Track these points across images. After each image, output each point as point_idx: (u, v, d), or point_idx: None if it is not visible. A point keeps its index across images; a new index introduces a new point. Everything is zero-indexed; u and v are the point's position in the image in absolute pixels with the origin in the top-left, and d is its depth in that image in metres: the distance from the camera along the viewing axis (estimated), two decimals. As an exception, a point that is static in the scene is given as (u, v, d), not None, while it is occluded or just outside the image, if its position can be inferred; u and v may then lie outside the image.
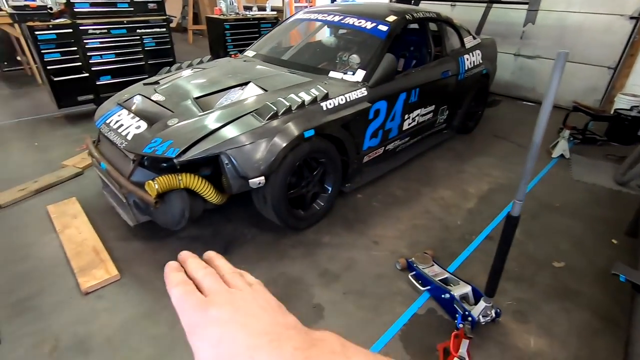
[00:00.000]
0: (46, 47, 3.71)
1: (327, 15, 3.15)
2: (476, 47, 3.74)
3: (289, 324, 0.32)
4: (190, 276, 0.35)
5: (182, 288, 0.33)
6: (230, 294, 0.33)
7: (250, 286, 0.36)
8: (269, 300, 0.35)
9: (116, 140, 2.10)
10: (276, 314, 0.33)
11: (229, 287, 0.34)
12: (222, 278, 0.36)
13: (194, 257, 0.38)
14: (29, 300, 1.86)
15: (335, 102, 2.33)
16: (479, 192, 2.95)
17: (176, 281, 0.34)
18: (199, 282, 0.35)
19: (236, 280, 0.36)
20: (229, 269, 0.38)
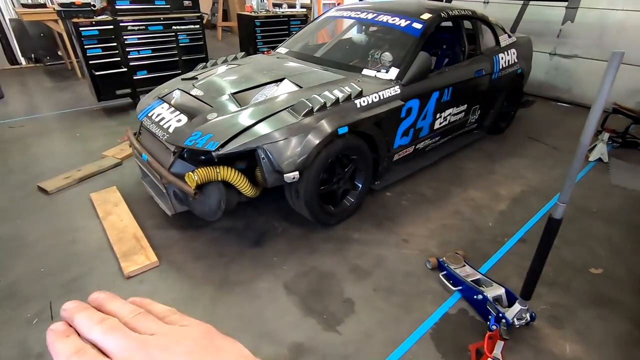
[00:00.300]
0: (89, 42, 3.89)
1: (360, 13, 3.15)
2: (511, 45, 3.65)
3: None
4: (85, 337, 0.28)
5: None
6: (144, 349, 0.27)
7: (164, 319, 0.31)
8: (191, 335, 0.29)
9: (158, 132, 2.19)
10: (208, 356, 0.27)
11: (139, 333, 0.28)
12: (127, 325, 0.29)
13: (84, 309, 0.30)
14: (77, 281, 1.98)
15: (369, 99, 2.34)
16: (511, 194, 2.89)
17: (67, 352, 0.26)
18: (99, 344, 0.27)
19: (144, 323, 0.29)
20: (129, 311, 0.31)
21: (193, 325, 0.30)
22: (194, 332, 0.29)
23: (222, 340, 0.29)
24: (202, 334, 0.29)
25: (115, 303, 0.32)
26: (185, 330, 0.29)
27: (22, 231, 2.35)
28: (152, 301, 0.34)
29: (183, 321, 0.31)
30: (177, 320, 0.31)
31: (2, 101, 4.77)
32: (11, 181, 2.91)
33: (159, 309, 0.32)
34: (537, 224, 2.52)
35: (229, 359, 0.28)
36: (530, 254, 2.21)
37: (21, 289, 1.93)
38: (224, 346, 0.29)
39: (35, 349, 1.62)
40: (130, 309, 0.31)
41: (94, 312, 0.30)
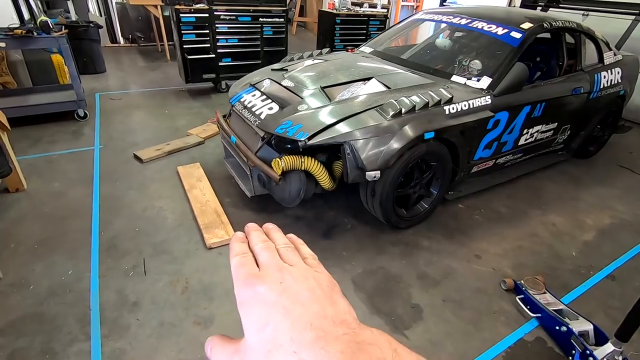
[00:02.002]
0: (186, 28, 4.22)
1: (453, 18, 3.06)
2: (616, 64, 3.33)
3: (337, 316, 0.29)
4: (251, 247, 0.36)
5: (240, 259, 0.34)
6: (280, 270, 0.32)
7: (305, 260, 0.36)
8: (319, 280, 0.33)
9: (249, 117, 2.33)
10: (325, 300, 0.31)
11: (283, 261, 0.34)
12: (278, 252, 0.36)
13: (257, 229, 0.39)
14: (165, 244, 2.18)
15: (458, 107, 2.28)
16: (598, 225, 2.65)
17: (236, 251, 0.35)
18: (257, 254, 0.35)
19: (289, 255, 0.36)
20: (284, 242, 0.38)
21: (323, 274, 0.35)
22: (322, 278, 0.34)
23: (340, 297, 0.33)
24: (327, 283, 0.33)
25: (277, 234, 0.40)
26: (316, 273, 0.34)
27: (121, 192, 2.63)
28: (302, 242, 0.40)
29: (318, 267, 0.36)
30: (313, 264, 0.36)
31: (105, 75, 5.35)
32: (113, 146, 3.26)
33: (304, 250, 0.39)
34: (629, 261, 2.30)
35: (337, 309, 0.30)
36: (621, 293, 2.06)
37: (120, 243, 2.17)
38: (339, 301, 0.32)
39: (132, 298, 1.82)
40: (285, 242, 0.38)
41: (262, 234, 0.38)
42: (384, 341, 0.28)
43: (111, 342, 1.60)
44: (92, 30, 5.14)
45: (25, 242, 2.12)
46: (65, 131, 3.50)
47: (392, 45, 3.66)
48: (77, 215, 2.37)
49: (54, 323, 1.67)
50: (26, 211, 2.38)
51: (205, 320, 1.73)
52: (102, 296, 1.81)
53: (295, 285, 0.31)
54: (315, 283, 0.32)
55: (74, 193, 2.59)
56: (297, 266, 0.34)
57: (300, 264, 0.35)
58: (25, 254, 2.04)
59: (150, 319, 1.71)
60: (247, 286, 0.31)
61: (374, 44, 3.37)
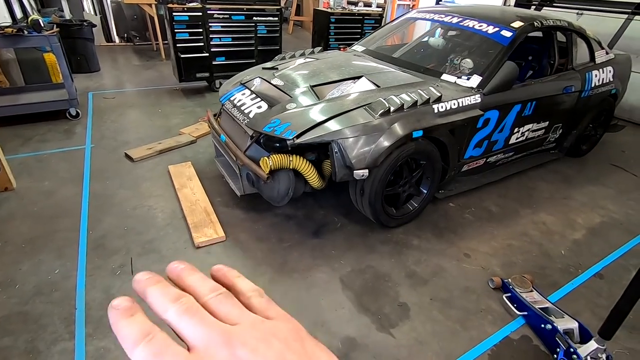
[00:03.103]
0: (179, 27, 4.20)
1: (444, 16, 3.06)
2: (608, 63, 3.34)
3: None
4: (158, 316, 0.25)
5: (148, 349, 0.22)
6: (227, 345, 0.23)
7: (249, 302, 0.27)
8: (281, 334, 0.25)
9: (238, 116, 2.32)
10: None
11: (218, 320, 0.24)
12: (206, 307, 0.25)
13: (157, 281, 0.27)
14: (154, 243, 2.18)
15: (447, 105, 2.28)
16: (589, 224, 2.66)
17: (134, 337, 0.23)
18: (173, 325, 0.24)
19: (225, 307, 0.26)
20: (209, 288, 0.27)
21: (281, 319, 0.26)
22: (283, 330, 0.25)
23: (314, 346, 0.25)
24: (292, 334, 0.25)
25: (195, 277, 0.28)
26: (273, 326, 0.25)
27: (111, 191, 2.62)
28: (239, 274, 0.30)
29: (269, 309, 0.27)
30: (262, 306, 0.27)
31: (99, 74, 5.34)
32: (104, 145, 3.25)
33: (245, 286, 0.29)
34: (618, 260, 2.30)
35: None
36: (608, 291, 2.06)
37: (108, 242, 2.16)
38: (316, 354, 0.24)
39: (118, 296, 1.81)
40: (210, 287, 0.27)
41: (169, 287, 0.26)
42: None
43: (95, 341, 1.59)
44: (86, 29, 5.13)
45: (13, 241, 2.12)
46: (57, 130, 3.49)
47: (388, 44, 3.66)
48: (66, 214, 2.36)
49: (39, 322, 1.66)
50: (15, 210, 2.37)
51: (191, 319, 1.72)
52: (88, 295, 1.81)
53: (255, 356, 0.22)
54: (281, 344, 0.24)
55: (64, 192, 2.58)
56: (244, 324, 0.24)
57: (246, 317, 0.25)
58: (12, 253, 2.03)
59: (136, 318, 1.71)
60: None
61: (366, 43, 3.36)
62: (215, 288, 0.27)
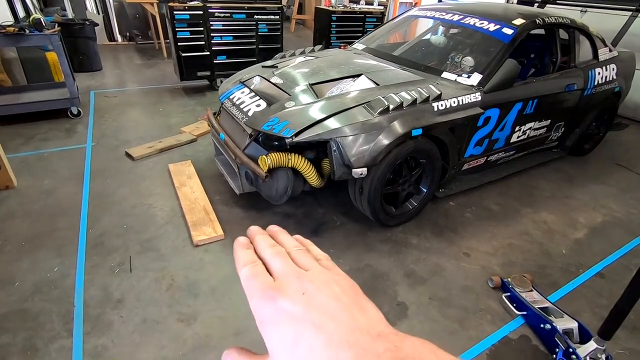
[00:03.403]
0: (180, 25, 4.20)
1: (445, 14, 3.04)
2: (611, 60, 3.30)
3: (372, 327, 0.27)
4: (259, 255, 0.33)
5: (250, 269, 0.31)
6: (299, 279, 0.29)
7: (319, 262, 0.33)
8: (342, 284, 0.30)
9: (237, 115, 2.32)
10: (354, 308, 0.28)
11: (296, 265, 0.31)
12: (289, 256, 0.33)
13: (262, 233, 0.36)
14: (153, 241, 2.18)
15: (447, 103, 2.26)
16: (591, 223, 2.63)
17: (244, 260, 0.32)
18: (267, 262, 0.32)
19: (303, 258, 0.33)
20: (294, 245, 0.35)
21: (342, 277, 0.32)
22: (343, 281, 0.31)
23: (366, 301, 0.30)
24: (350, 287, 0.30)
25: (285, 236, 0.37)
26: (336, 277, 0.31)
27: (111, 190, 2.63)
28: (311, 243, 0.37)
29: (334, 269, 0.33)
30: (329, 266, 0.33)
31: (101, 73, 5.35)
32: (105, 144, 3.26)
33: (316, 251, 0.36)
34: (619, 259, 2.28)
35: (370, 318, 0.28)
36: (609, 291, 2.04)
37: (107, 240, 2.17)
38: (367, 307, 0.29)
39: (116, 295, 1.82)
40: (294, 244, 0.35)
41: (269, 238, 0.35)
42: (429, 353, 0.25)
43: (93, 339, 1.60)
44: (88, 28, 5.14)
45: (13, 239, 2.13)
46: (59, 129, 3.50)
47: (390, 42, 3.65)
48: (66, 212, 2.37)
49: (38, 320, 1.67)
50: (15, 208, 2.38)
51: (189, 317, 1.72)
52: (86, 293, 1.82)
53: (319, 295, 0.28)
54: (339, 289, 0.29)
55: (64, 190, 2.59)
56: (314, 271, 0.31)
57: (316, 267, 0.32)
58: (12, 251, 2.04)
59: (134, 315, 1.71)
60: (266, 301, 0.28)
61: (367, 41, 3.35)
62: (297, 245, 0.35)
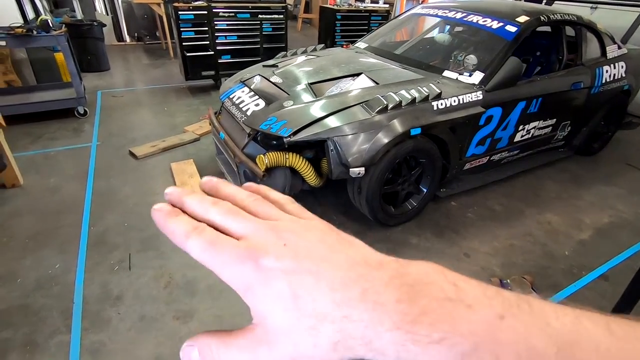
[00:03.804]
0: (185, 25, 4.24)
1: (448, 12, 3.00)
2: (620, 58, 3.22)
3: (369, 257, 0.25)
4: (199, 218, 0.26)
5: (202, 238, 0.24)
6: (273, 231, 0.25)
7: (283, 207, 0.28)
8: (319, 226, 0.27)
9: (237, 114, 2.33)
10: (342, 245, 0.25)
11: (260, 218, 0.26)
12: (245, 209, 0.27)
13: (190, 192, 0.27)
14: (153, 239, 2.20)
15: (447, 102, 2.24)
16: (597, 224, 2.58)
17: (184, 230, 0.25)
18: (217, 224, 0.25)
19: (264, 208, 0.27)
20: (247, 195, 0.28)
21: (315, 219, 0.28)
22: (319, 225, 0.27)
23: (350, 237, 0.27)
24: (328, 227, 0.27)
25: (230, 188, 0.29)
26: (310, 222, 0.27)
27: (114, 188, 2.67)
28: (268, 188, 0.31)
29: (302, 213, 0.29)
30: (295, 210, 0.29)
31: (109, 73, 5.44)
32: (110, 143, 3.31)
33: (275, 196, 0.30)
34: (625, 262, 2.23)
35: (362, 250, 0.25)
36: (612, 294, 1.99)
37: (108, 238, 2.20)
38: (352, 240, 0.26)
39: (115, 292, 1.85)
40: (246, 194, 0.28)
41: (205, 195, 0.27)
42: (436, 274, 0.23)
43: (91, 335, 1.63)
44: (96, 29, 5.22)
45: (17, 236, 2.17)
46: (66, 128, 3.57)
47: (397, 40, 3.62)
48: (70, 210, 2.42)
49: (38, 315, 1.71)
50: (21, 206, 2.44)
51: (185, 315, 1.74)
52: (86, 290, 1.85)
53: (302, 242, 0.24)
54: (318, 231, 0.26)
55: (69, 189, 2.64)
56: (284, 219, 0.26)
57: (284, 216, 0.27)
58: (16, 248, 2.09)
59: (132, 312, 1.74)
60: (245, 264, 0.23)
61: (370, 40, 3.33)
62: (250, 195, 0.28)
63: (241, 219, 0.25)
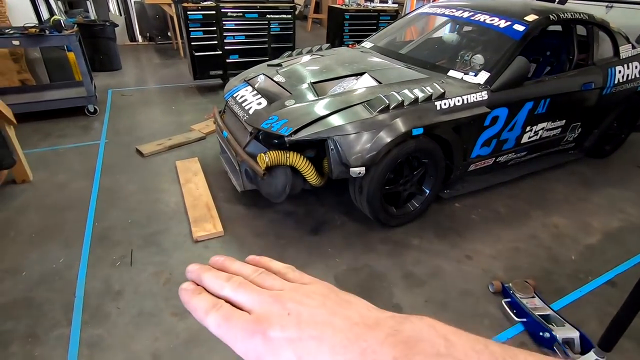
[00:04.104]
0: (193, 25, 4.29)
1: (455, 11, 2.96)
2: (635, 58, 3.12)
3: (366, 317, 0.27)
4: (216, 294, 0.30)
5: (219, 314, 0.28)
6: (278, 302, 0.28)
7: (285, 276, 0.32)
8: (318, 291, 0.30)
9: (239, 113, 2.34)
10: (340, 307, 0.28)
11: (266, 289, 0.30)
12: (253, 283, 0.31)
13: (208, 269, 0.32)
14: (155, 236, 2.23)
15: (451, 102, 2.21)
16: (605, 228, 2.51)
17: (204, 307, 0.29)
18: (232, 299, 0.29)
19: (268, 281, 0.31)
20: (252, 270, 0.33)
21: (315, 283, 0.31)
22: (320, 288, 0.30)
23: (348, 295, 0.30)
24: (327, 290, 0.30)
25: (236, 264, 0.34)
26: (310, 287, 0.30)
27: (119, 185, 2.71)
28: (269, 259, 0.35)
29: (303, 279, 0.32)
30: (297, 277, 0.32)
31: (120, 72, 5.53)
32: (118, 141, 3.37)
33: (277, 266, 0.34)
34: (634, 267, 2.16)
35: (359, 310, 0.28)
36: (619, 300, 1.91)
37: (112, 234, 2.24)
38: (351, 299, 0.29)
39: (116, 287, 1.87)
40: (252, 269, 0.33)
41: (219, 272, 0.32)
42: (428, 329, 0.25)
43: (90, 329, 1.65)
44: (109, 29, 5.32)
45: (24, 231, 2.23)
46: (76, 126, 3.64)
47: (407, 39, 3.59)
48: (75, 206, 2.47)
49: (41, 308, 1.74)
50: (29, 202, 2.50)
51: (183, 311, 1.75)
52: (88, 284, 1.88)
53: (304, 309, 0.27)
54: (318, 296, 0.29)
55: (76, 185, 2.69)
56: (287, 289, 0.30)
57: (287, 285, 0.30)
58: (22, 242, 2.14)
59: (131, 308, 1.76)
60: (254, 337, 0.26)
61: (376, 39, 3.31)
62: (256, 269, 0.33)
63: (250, 292, 0.29)
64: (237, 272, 0.32)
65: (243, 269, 0.33)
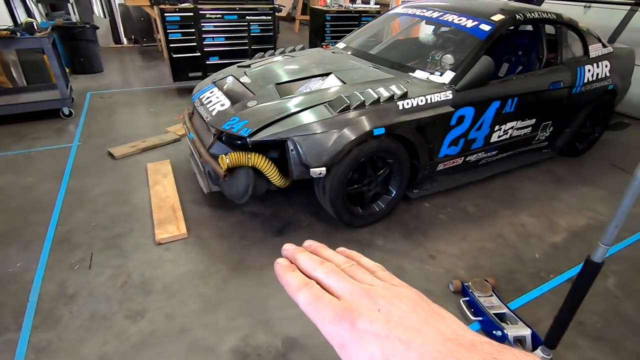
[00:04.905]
0: (171, 27, 4.28)
1: (426, 11, 2.97)
2: (604, 57, 3.15)
3: (460, 336, 0.25)
4: (307, 274, 0.31)
5: (310, 293, 0.29)
6: (368, 296, 0.28)
7: (374, 274, 0.31)
8: (410, 296, 0.29)
9: (204, 114, 2.33)
10: (432, 319, 0.27)
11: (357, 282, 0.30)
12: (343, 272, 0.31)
13: (302, 251, 0.33)
14: (117, 239, 2.21)
15: (414, 102, 2.21)
16: (572, 227, 2.52)
17: (296, 283, 0.30)
18: (323, 282, 0.30)
19: (360, 274, 0.31)
20: (344, 260, 0.33)
21: (404, 287, 0.30)
22: (410, 293, 0.29)
23: (440, 309, 0.28)
24: (418, 297, 0.29)
25: (328, 252, 0.34)
26: (400, 289, 0.29)
27: (87, 187, 2.69)
28: (360, 254, 0.34)
29: (393, 280, 0.31)
30: (386, 277, 0.31)
31: (101, 75, 5.50)
32: (91, 143, 3.35)
33: (368, 263, 0.33)
34: (595, 265, 2.16)
35: (453, 327, 0.26)
36: None
37: (74, 237, 2.22)
38: (443, 314, 0.28)
39: (70, 290, 1.85)
40: (343, 259, 0.33)
41: (313, 255, 0.33)
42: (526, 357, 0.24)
43: (40, 333, 1.63)
44: (88, 31, 5.29)
45: (-16, 234, 2.20)
46: (50, 128, 3.61)
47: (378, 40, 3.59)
48: (40, 209, 2.44)
49: (-8, 313, 1.72)
50: (-7, 205, 2.47)
51: (137, 314, 1.74)
52: (43, 288, 1.86)
53: (395, 310, 0.27)
54: (410, 300, 0.28)
55: (43, 188, 2.67)
56: (377, 285, 0.29)
57: (378, 282, 0.30)
58: (-19, 246, 2.11)
59: (83, 311, 1.74)
60: (342, 323, 0.26)
61: (349, 40, 3.32)
62: (347, 260, 0.33)
63: (341, 279, 0.30)
64: (329, 258, 0.33)
65: (335, 258, 0.33)
